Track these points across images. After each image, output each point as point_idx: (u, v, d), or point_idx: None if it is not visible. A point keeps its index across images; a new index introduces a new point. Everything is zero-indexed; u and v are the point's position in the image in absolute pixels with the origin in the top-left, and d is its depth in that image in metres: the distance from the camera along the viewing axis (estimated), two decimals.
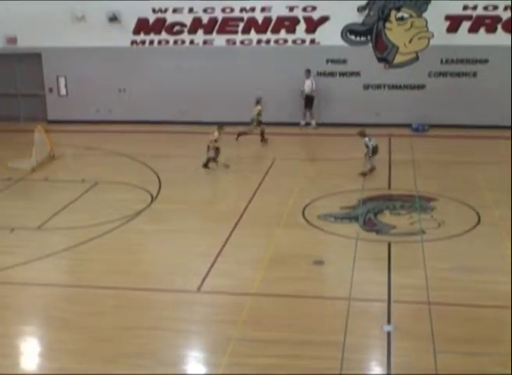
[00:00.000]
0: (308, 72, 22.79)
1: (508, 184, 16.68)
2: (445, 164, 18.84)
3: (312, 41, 22.99)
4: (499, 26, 22.01)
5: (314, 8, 22.68)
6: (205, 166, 18.42)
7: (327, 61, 23.07)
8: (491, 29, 22.08)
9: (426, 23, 22.31)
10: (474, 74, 22.46)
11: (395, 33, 22.68)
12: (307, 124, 23.21)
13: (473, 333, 10.05)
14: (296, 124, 23.15)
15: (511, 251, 12.63)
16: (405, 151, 20.11)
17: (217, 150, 18.54)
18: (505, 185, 16.77)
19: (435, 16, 22.13)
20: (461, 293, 11.28)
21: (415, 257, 12.74)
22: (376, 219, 14.76)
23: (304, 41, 23.04)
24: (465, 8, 22.03)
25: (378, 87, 23.05)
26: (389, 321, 10.42)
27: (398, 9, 22.48)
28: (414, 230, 14.05)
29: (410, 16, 22.42)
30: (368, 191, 16.47)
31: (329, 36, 22.78)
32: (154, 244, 13.80)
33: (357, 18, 22.69)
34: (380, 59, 22.91)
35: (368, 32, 22.79)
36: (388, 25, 22.64)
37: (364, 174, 17.68)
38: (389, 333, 10.07)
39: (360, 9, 22.54)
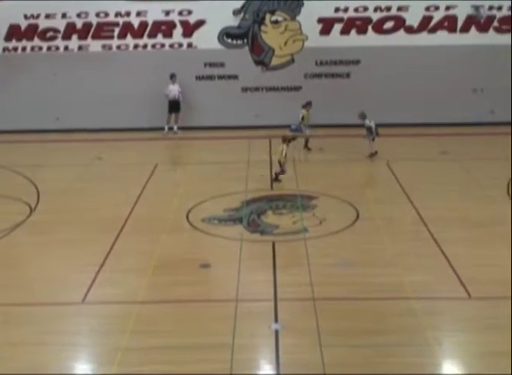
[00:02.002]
0: (174, 76, 22.69)
1: (382, 179, 17.39)
2: (324, 163, 19.33)
3: (189, 45, 22.98)
4: (370, 28, 22.79)
5: (190, 12, 22.69)
6: (276, 179, 17.52)
7: (205, 64, 23.13)
8: (362, 30, 22.82)
9: (300, 25, 22.78)
10: (348, 75, 23.15)
11: (270, 36, 23.04)
12: (170, 129, 23.11)
13: (357, 325, 10.35)
14: (181, 128, 23.02)
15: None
16: None
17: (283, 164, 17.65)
18: (380, 181, 17.43)
19: (308, 19, 22.62)
20: (344, 287, 11.61)
21: (299, 255, 13.00)
22: (260, 219, 14.95)
23: (181, 45, 23.00)
24: (337, 10, 22.66)
25: (257, 89, 23.34)
26: (276, 319, 10.58)
27: (272, 13, 22.83)
28: (297, 229, 14.33)
29: (285, 19, 22.83)
30: (250, 192, 16.64)
31: (206, 39, 22.83)
32: (35, 257, 13.38)
33: (233, 21, 22.89)
34: (257, 62, 23.20)
35: (244, 35, 23.03)
36: (263, 28, 22.96)
37: (372, 155, 19.14)
38: (276, 332, 10.22)
39: (236, 13, 22.74)
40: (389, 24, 22.73)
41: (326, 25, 22.77)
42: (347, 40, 22.85)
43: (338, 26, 22.78)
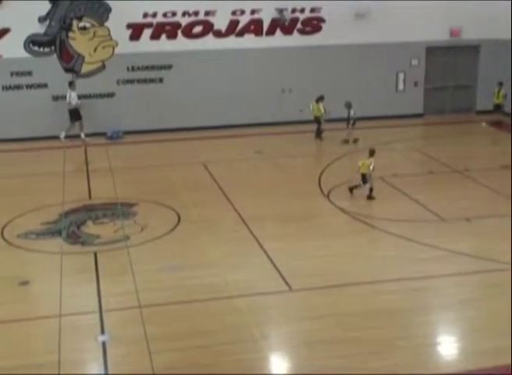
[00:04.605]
0: (74, 83, 22.05)
1: (201, 182, 17.63)
2: (142, 169, 19.22)
3: None
4: (179, 32, 22.96)
5: None
6: (371, 196, 15.99)
7: (11, 74, 22.21)
8: (171, 35, 22.95)
9: (109, 31, 22.51)
10: (161, 80, 23.20)
11: (79, 42, 22.54)
12: (78, 136, 22.35)
13: (185, 328, 10.41)
14: None
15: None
16: (102, 159, 20.14)
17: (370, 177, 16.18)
18: (198, 183, 17.65)
19: (117, 25, 22.40)
20: (170, 291, 11.62)
21: (122, 263, 12.84)
22: (80, 230, 14.61)
23: None
24: (145, 15, 22.62)
25: None
26: (102, 331, 10.40)
27: (80, 19, 22.36)
28: (119, 237, 14.15)
29: (93, 26, 22.44)
30: (68, 203, 16.20)
31: (12, 48, 21.90)
32: None
33: (40, 28, 22.15)
34: (67, 70, 22.62)
35: (52, 42, 22.37)
36: (71, 35, 22.42)
37: (355, 140, 21.09)
38: (104, 343, 10.05)
39: (41, 19, 22.02)
40: (197, 29, 23.05)
41: (136, 30, 22.68)
42: (158, 45, 22.89)
43: (148, 32, 22.77)
